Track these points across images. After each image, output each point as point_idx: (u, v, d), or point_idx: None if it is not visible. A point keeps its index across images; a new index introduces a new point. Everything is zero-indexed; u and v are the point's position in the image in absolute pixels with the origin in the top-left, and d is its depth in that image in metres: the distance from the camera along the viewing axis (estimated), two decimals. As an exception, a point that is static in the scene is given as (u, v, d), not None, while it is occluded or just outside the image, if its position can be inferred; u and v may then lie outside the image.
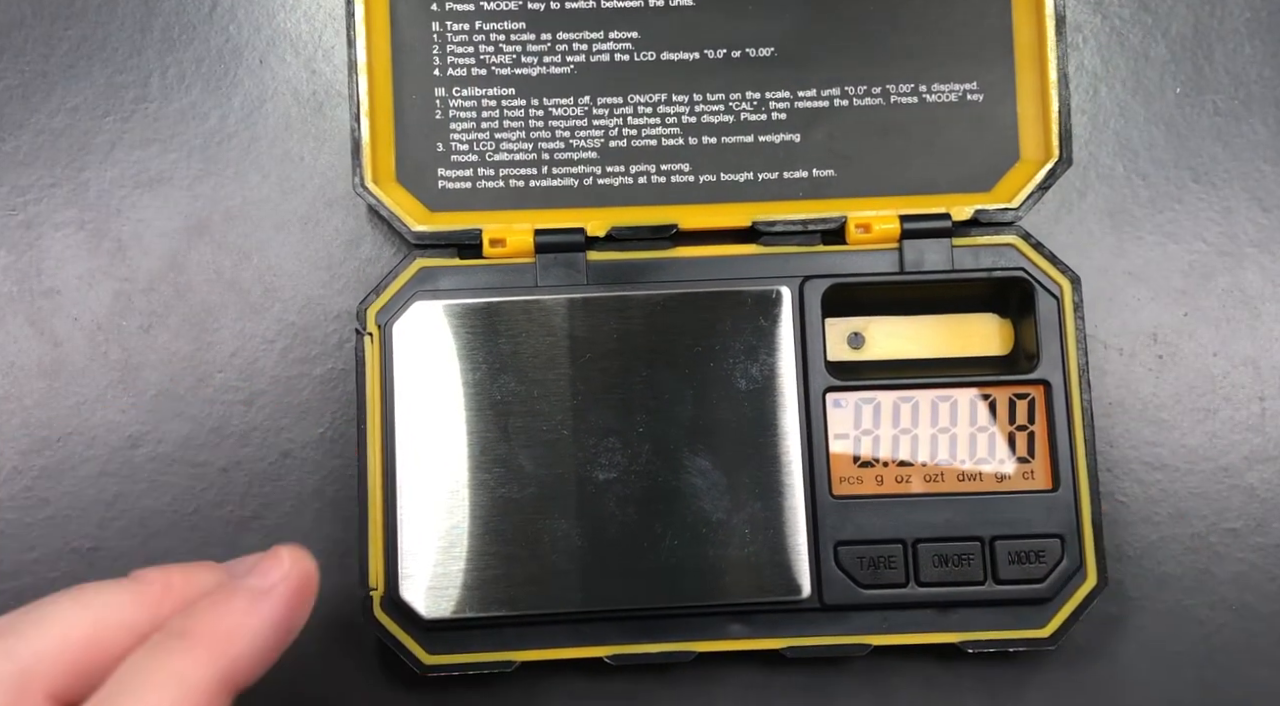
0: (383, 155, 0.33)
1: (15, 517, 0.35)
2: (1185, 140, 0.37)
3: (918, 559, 0.32)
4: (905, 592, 0.32)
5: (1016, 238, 0.34)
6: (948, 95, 0.34)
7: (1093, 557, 0.32)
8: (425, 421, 0.32)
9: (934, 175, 0.34)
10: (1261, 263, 0.36)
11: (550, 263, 0.33)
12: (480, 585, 0.32)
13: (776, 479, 0.32)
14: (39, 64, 0.36)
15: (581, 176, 0.34)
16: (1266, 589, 0.35)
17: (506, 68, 0.34)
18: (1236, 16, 0.37)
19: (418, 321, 0.32)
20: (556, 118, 0.34)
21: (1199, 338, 0.36)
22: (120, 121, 0.36)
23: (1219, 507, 0.35)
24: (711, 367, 0.32)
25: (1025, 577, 0.32)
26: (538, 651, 0.32)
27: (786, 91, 0.34)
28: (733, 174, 0.34)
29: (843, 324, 0.34)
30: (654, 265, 0.33)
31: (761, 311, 0.33)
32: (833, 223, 0.34)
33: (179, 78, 0.36)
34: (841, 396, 0.33)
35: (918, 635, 0.32)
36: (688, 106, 0.34)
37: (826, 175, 0.34)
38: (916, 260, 0.34)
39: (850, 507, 0.32)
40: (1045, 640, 0.32)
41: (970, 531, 0.32)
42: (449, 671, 0.32)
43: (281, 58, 0.36)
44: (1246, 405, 0.36)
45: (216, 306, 0.35)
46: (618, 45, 0.34)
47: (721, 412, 0.32)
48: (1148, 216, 0.36)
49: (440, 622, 0.32)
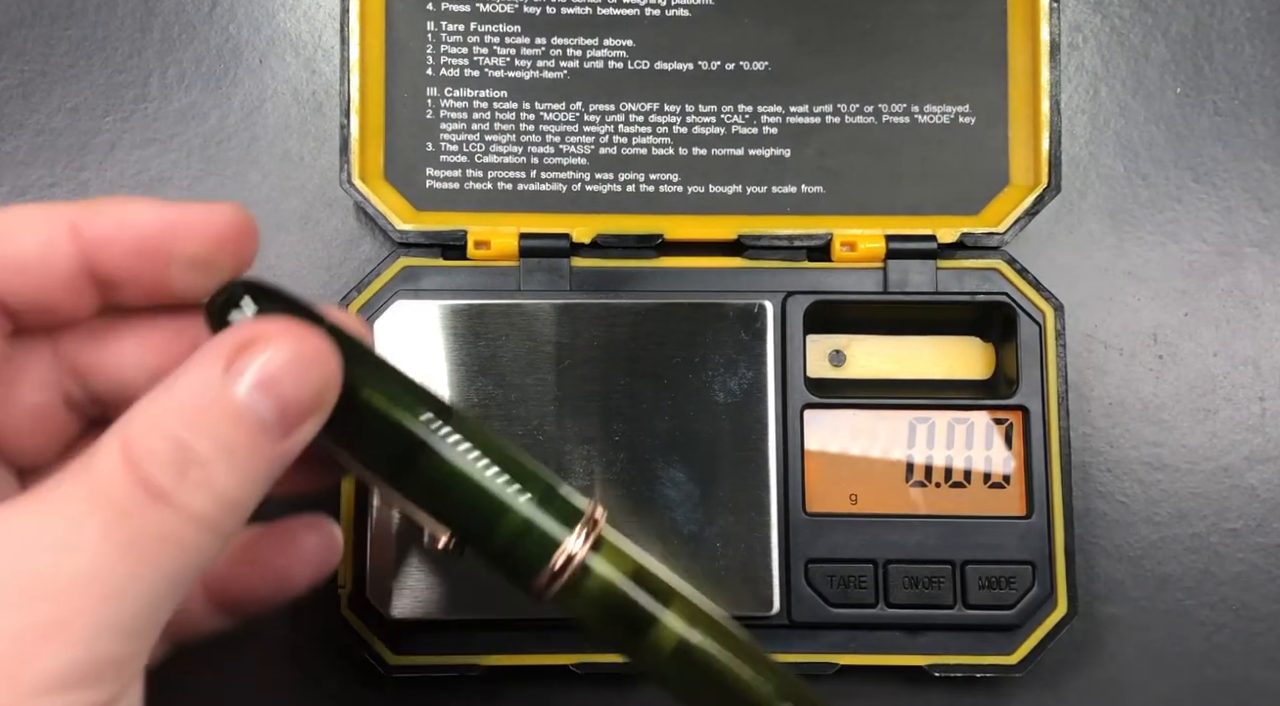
0: (371, 153, 0.33)
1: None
2: (1185, 140, 0.37)
3: (888, 580, 0.32)
4: (874, 613, 0.32)
5: (1001, 262, 0.33)
6: (940, 117, 0.34)
7: (1064, 586, 0.32)
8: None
9: (922, 196, 0.34)
10: (1262, 262, 0.36)
11: (534, 267, 0.33)
12: (449, 587, 0.32)
13: (751, 493, 0.32)
14: (39, 64, 0.36)
15: (570, 182, 0.34)
16: (1267, 589, 0.35)
17: (499, 70, 0.34)
18: (1236, 16, 0.37)
19: (398, 320, 0.32)
20: (547, 122, 0.34)
21: (1199, 337, 0.36)
22: (120, 121, 0.36)
23: (1219, 508, 0.35)
24: (691, 379, 0.32)
25: (995, 603, 0.32)
26: (504, 656, 0.32)
27: (779, 106, 0.34)
28: (721, 186, 0.34)
29: (824, 341, 0.34)
30: (638, 274, 0.33)
31: (743, 325, 0.33)
32: (818, 239, 0.34)
33: (179, 78, 0.36)
34: (820, 413, 0.33)
35: (885, 656, 0.32)
36: (679, 117, 0.34)
37: (815, 191, 0.34)
38: (901, 280, 0.33)
39: (823, 525, 0.32)
40: (1013, 666, 0.32)
41: (942, 554, 0.32)
42: (414, 672, 0.32)
43: (281, 57, 0.37)
44: (1247, 405, 0.36)
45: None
46: (612, 53, 0.34)
47: (699, 425, 0.32)
48: (1148, 216, 0.36)
49: (407, 623, 0.32)
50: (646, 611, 0.25)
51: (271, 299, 0.23)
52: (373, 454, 0.24)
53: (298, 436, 0.22)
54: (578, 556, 0.24)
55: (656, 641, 0.25)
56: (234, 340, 0.21)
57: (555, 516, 0.24)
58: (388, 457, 0.24)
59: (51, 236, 0.22)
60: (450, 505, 0.24)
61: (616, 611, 0.25)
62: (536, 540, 0.24)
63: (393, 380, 0.24)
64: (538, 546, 0.24)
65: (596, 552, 0.25)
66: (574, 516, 0.25)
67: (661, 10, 0.34)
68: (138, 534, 0.20)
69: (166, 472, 0.20)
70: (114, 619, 0.20)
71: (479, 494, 0.24)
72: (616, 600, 0.25)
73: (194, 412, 0.21)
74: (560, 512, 0.24)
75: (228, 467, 0.21)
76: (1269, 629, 0.35)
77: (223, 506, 0.21)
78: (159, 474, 0.20)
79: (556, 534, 0.24)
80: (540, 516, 0.24)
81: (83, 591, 0.20)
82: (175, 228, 0.23)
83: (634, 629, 0.25)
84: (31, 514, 0.20)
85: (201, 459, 0.20)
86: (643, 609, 0.25)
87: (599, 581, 0.25)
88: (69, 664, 0.19)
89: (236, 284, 0.23)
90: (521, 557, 0.24)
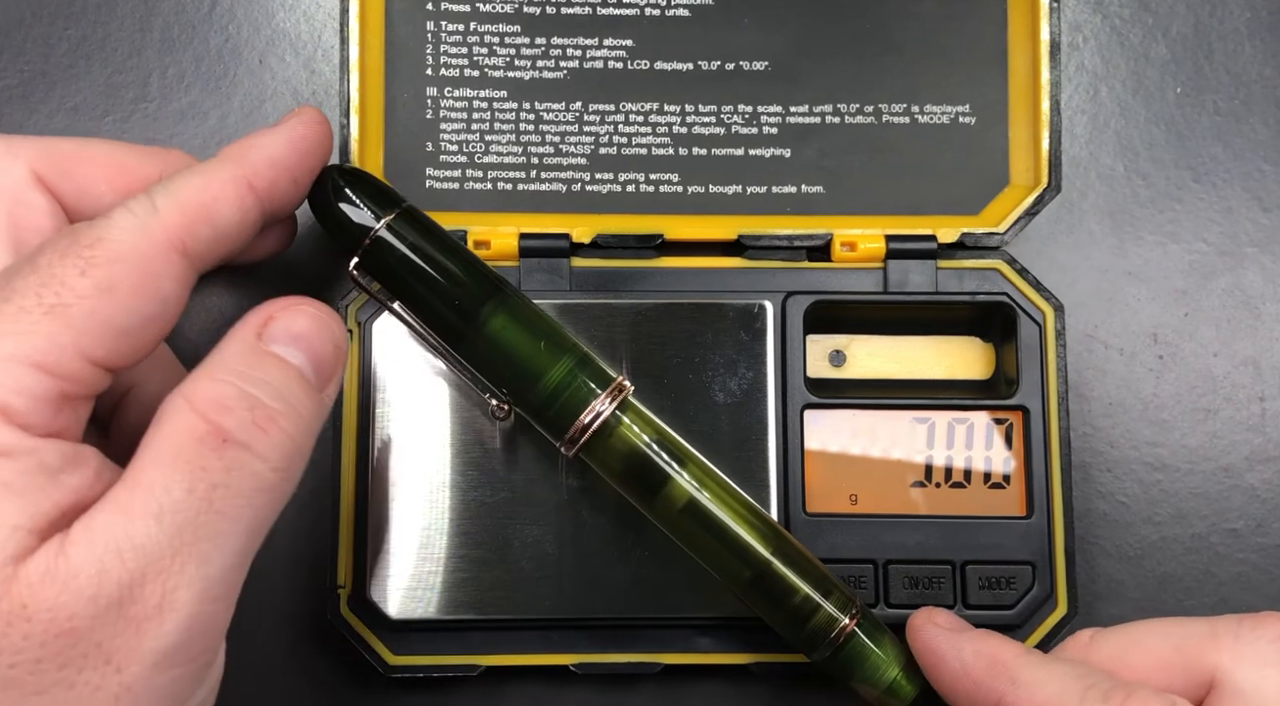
0: (371, 153, 0.33)
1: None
2: (1185, 140, 0.37)
3: (888, 579, 0.32)
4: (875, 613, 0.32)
5: (1002, 262, 0.33)
6: (940, 117, 0.34)
7: (1064, 586, 0.32)
8: (401, 421, 0.32)
9: (922, 196, 0.34)
10: (1262, 262, 0.36)
11: (534, 267, 0.33)
12: (449, 587, 0.32)
13: (751, 493, 0.32)
14: (39, 64, 0.36)
15: (570, 182, 0.34)
16: (1267, 589, 0.35)
17: (499, 70, 0.34)
18: (1236, 16, 0.37)
19: (398, 321, 0.32)
20: (547, 122, 0.34)
21: (1199, 337, 0.36)
22: (120, 121, 0.36)
23: (1220, 508, 0.35)
24: (691, 379, 0.32)
25: (995, 603, 0.32)
26: (504, 656, 0.32)
27: (779, 106, 0.34)
28: (721, 186, 0.34)
29: (824, 341, 0.34)
30: (638, 274, 0.33)
31: (743, 325, 0.33)
32: (818, 239, 0.34)
33: (178, 78, 0.36)
34: (820, 413, 0.33)
35: (885, 657, 0.32)
36: (679, 117, 0.34)
37: (815, 191, 0.34)
38: (901, 281, 0.33)
39: (823, 525, 0.32)
40: (1013, 667, 0.32)
41: (942, 554, 0.32)
42: (413, 672, 0.32)
43: (281, 58, 0.37)
44: (1247, 405, 0.36)
45: (216, 306, 0.35)
46: (612, 53, 0.34)
47: (699, 425, 0.32)
48: (1148, 216, 0.36)
49: (407, 623, 0.32)
50: (662, 469, 0.29)
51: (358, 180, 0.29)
52: (435, 322, 0.29)
53: (329, 392, 0.25)
54: (605, 413, 0.29)
55: (669, 497, 0.29)
56: (258, 317, 0.25)
57: (589, 378, 0.29)
58: (444, 327, 0.29)
59: (242, 201, 0.26)
60: (495, 366, 0.29)
61: (636, 467, 0.29)
62: (571, 397, 0.29)
63: (455, 258, 0.29)
64: (572, 402, 0.29)
65: (623, 413, 0.29)
66: (606, 381, 0.29)
67: (661, 10, 0.34)
68: (217, 486, 0.22)
69: (238, 420, 0.22)
70: (207, 582, 0.22)
71: (523, 357, 0.29)
72: (637, 457, 0.29)
73: (245, 367, 0.23)
74: (593, 376, 0.29)
75: (287, 411, 0.23)
76: (1269, 629, 0.35)
77: (291, 448, 0.23)
78: (231, 423, 0.22)
79: (588, 394, 0.29)
80: (575, 378, 0.29)
81: (179, 561, 0.21)
82: (297, 145, 0.27)
83: (650, 484, 0.29)
84: (119, 506, 0.22)
85: (265, 405, 0.23)
86: (659, 467, 0.29)
87: (622, 439, 0.29)
88: (174, 637, 0.21)
89: (332, 169, 0.29)
90: (558, 411, 0.29)
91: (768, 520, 0.30)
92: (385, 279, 0.29)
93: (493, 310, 0.29)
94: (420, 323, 0.30)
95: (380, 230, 0.29)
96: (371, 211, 0.29)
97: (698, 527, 0.29)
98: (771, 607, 0.29)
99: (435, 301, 0.29)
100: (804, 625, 0.29)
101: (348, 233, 0.29)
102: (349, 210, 0.29)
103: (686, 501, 0.29)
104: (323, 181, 0.29)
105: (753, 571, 0.29)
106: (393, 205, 0.29)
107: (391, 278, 0.29)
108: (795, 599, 0.29)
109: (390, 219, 0.29)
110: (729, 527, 0.29)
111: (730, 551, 0.29)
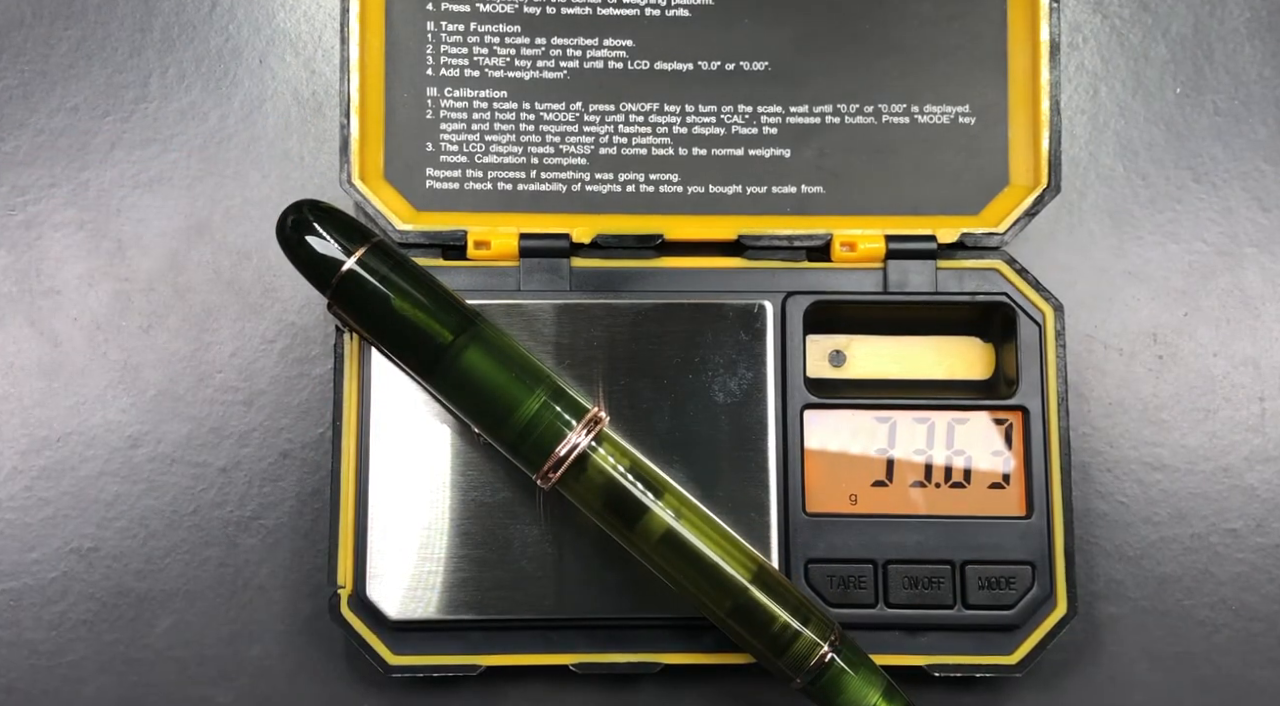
0: (371, 152, 0.33)
1: (15, 518, 0.35)
2: (1185, 140, 0.37)
3: (888, 580, 0.32)
4: (874, 613, 0.32)
5: (1001, 262, 0.33)
6: (940, 117, 0.34)
7: (1063, 586, 0.32)
8: (401, 421, 0.32)
9: (922, 196, 0.34)
10: (1261, 262, 0.36)
11: (534, 267, 0.33)
12: (449, 587, 0.32)
13: (750, 493, 0.32)
14: (39, 64, 0.36)
15: (570, 182, 0.34)
16: (1267, 589, 0.35)
17: (499, 70, 0.34)
18: (1236, 16, 0.37)
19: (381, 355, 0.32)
20: (547, 122, 0.34)
21: (1199, 337, 0.36)
22: (120, 121, 0.36)
23: (1219, 508, 0.35)
24: (690, 380, 0.32)
25: (995, 603, 0.32)
26: (504, 656, 0.32)
27: (779, 106, 0.34)
28: (721, 186, 0.34)
29: (824, 341, 0.34)
30: (638, 274, 0.33)
31: (743, 325, 0.33)
32: (818, 240, 0.34)
33: (179, 78, 0.36)
34: (820, 413, 0.33)
35: (885, 656, 0.32)
36: (679, 117, 0.34)
37: (815, 192, 0.34)
38: (900, 281, 0.33)
39: (823, 525, 0.32)
40: (1013, 667, 0.32)
41: (941, 554, 0.32)
42: (413, 672, 0.32)
43: (281, 58, 0.37)
44: (1246, 405, 0.36)
45: (216, 306, 0.35)
46: (612, 53, 0.34)
47: (699, 425, 0.32)
48: (1148, 216, 0.36)
49: (407, 623, 0.32)
50: (640, 501, 0.29)
51: (329, 216, 0.29)
52: (408, 358, 0.30)
53: None
54: (580, 446, 0.29)
55: (647, 528, 0.29)
56: None
57: (564, 411, 0.29)
58: (417, 361, 0.29)
59: None
60: (468, 400, 0.29)
61: (613, 499, 0.29)
62: (546, 431, 0.29)
63: (426, 291, 0.29)
64: (547, 436, 0.29)
65: (598, 445, 0.29)
66: (580, 413, 0.29)
67: (661, 10, 0.34)
68: None
69: None
70: None
71: (495, 391, 0.29)
72: (614, 488, 0.29)
73: None
74: (567, 409, 0.29)
75: None
76: (1269, 629, 0.35)
77: None
78: None
79: (562, 427, 0.29)
80: (549, 411, 0.29)
81: None
82: None
83: (628, 516, 0.29)
84: None
85: None
86: (636, 498, 0.29)
87: (599, 471, 0.29)
88: None
89: (301, 204, 0.29)
90: (532, 445, 0.29)
91: (745, 548, 0.30)
92: (357, 314, 0.30)
93: (464, 345, 0.29)
94: (395, 359, 0.30)
95: (351, 264, 0.29)
96: (341, 246, 0.29)
97: (676, 557, 0.29)
98: (751, 636, 0.29)
99: (406, 337, 0.29)
100: (783, 652, 0.29)
101: (317, 270, 0.29)
102: (318, 245, 0.29)
103: (664, 532, 0.29)
104: (288, 219, 0.29)
105: (732, 600, 0.29)
106: (363, 240, 0.29)
107: (363, 313, 0.29)
108: (774, 627, 0.29)
109: (361, 254, 0.29)
110: (706, 556, 0.29)
111: (708, 580, 0.29)
